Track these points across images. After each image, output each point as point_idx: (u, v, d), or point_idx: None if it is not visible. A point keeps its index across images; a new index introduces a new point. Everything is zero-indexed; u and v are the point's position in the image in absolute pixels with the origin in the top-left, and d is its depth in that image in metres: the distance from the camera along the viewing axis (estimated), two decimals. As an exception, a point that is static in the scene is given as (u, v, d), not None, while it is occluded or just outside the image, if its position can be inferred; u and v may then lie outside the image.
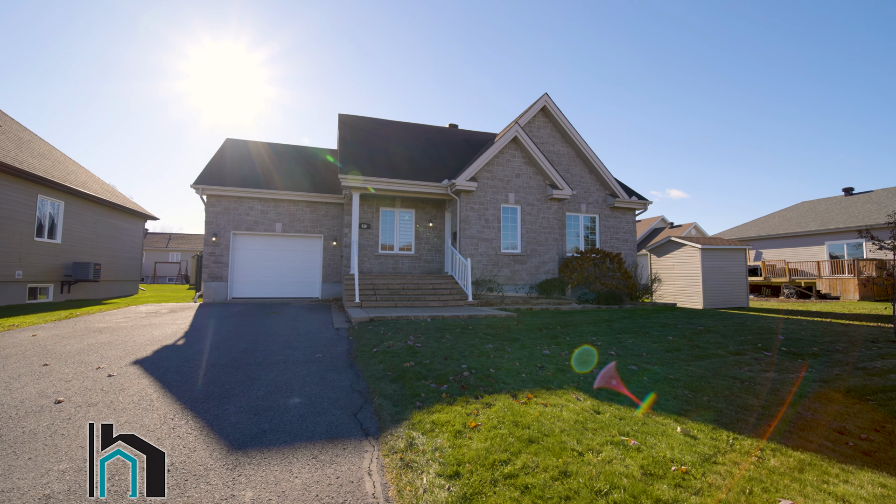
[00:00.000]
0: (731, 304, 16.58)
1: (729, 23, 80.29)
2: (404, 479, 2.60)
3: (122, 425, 3.29)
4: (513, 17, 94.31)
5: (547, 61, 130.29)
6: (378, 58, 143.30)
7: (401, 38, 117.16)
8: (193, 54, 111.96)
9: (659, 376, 4.73)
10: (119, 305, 11.87)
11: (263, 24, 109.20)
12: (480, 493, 2.36)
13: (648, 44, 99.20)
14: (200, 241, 40.81)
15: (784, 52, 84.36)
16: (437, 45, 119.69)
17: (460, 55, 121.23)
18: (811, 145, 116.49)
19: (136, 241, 20.14)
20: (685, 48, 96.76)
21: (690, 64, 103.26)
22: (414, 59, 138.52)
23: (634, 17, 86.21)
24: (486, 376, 4.59)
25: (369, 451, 2.99)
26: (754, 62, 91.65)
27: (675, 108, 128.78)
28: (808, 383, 4.52)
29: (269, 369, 4.96)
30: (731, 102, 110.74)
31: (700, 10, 76.85)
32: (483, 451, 2.82)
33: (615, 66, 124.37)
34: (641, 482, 2.42)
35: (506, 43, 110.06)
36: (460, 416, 3.45)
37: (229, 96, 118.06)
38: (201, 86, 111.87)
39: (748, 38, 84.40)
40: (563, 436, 3.04)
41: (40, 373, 4.62)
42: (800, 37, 79.71)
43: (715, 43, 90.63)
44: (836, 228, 23.36)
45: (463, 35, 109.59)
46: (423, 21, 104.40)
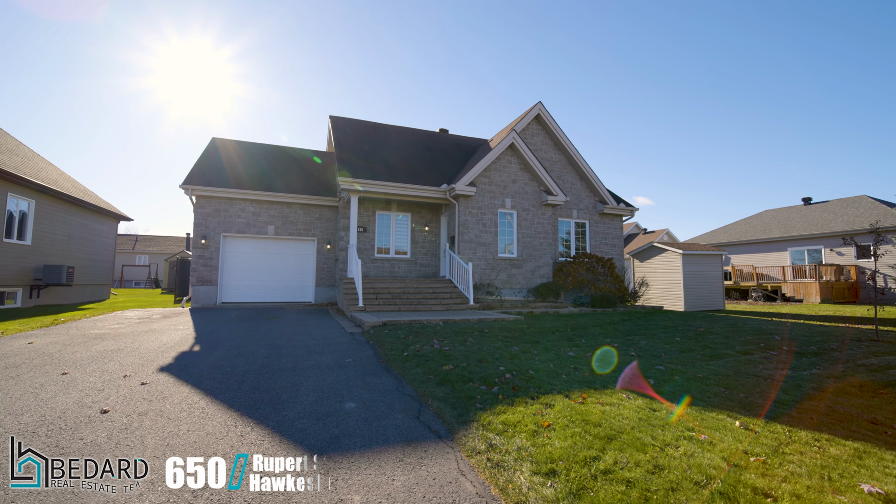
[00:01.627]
0: (710, 307, 17.44)
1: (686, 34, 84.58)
2: (500, 478, 2.66)
3: (184, 434, 3.18)
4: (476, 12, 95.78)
5: (521, 67, 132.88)
6: (349, 56, 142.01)
7: (373, 35, 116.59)
8: (159, 50, 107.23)
9: (688, 375, 4.97)
10: (100, 311, 11.23)
11: (230, 21, 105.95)
12: (586, 489, 2.45)
13: (612, 63, 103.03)
14: (170, 244, 39.04)
15: (741, 70, 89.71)
16: (410, 41, 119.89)
17: (429, 50, 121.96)
18: (768, 156, 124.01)
19: (109, 243, 19.12)
20: (648, 65, 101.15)
21: (656, 74, 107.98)
22: (388, 56, 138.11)
23: (599, 23, 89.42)
24: (528, 378, 4.69)
25: (450, 453, 3.02)
26: (718, 73, 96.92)
27: (640, 119, 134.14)
28: (824, 379, 4.89)
29: (307, 375, 4.87)
30: (693, 113, 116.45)
31: (663, 21, 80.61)
32: (568, 448, 2.92)
33: (586, 80, 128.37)
34: (731, 473, 2.58)
35: (481, 43, 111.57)
36: (527, 416, 3.53)
37: (196, 92, 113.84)
38: (167, 82, 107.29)
39: (709, 58, 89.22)
40: (636, 432, 3.18)
41: (64, 382, 4.37)
42: (750, 53, 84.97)
43: (676, 60, 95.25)
44: (797, 236, 24.99)
45: (437, 32, 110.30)
46: (394, 17, 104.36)
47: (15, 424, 3.27)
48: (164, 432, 3.19)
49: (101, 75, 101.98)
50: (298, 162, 16.31)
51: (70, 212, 15.38)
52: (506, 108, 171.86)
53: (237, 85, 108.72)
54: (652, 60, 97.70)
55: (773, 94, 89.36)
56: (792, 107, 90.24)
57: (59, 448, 2.88)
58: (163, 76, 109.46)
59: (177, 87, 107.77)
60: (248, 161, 15.26)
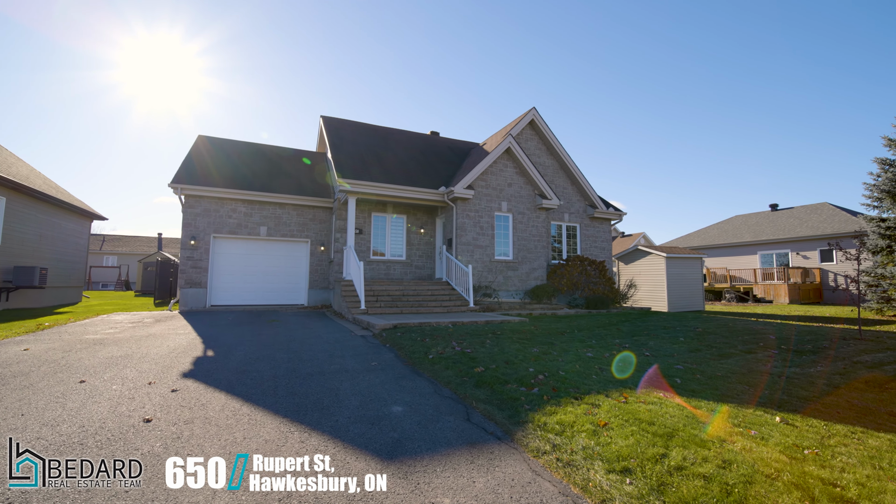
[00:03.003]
0: (691, 308, 18.14)
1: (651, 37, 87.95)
2: (576, 476, 2.72)
3: (241, 441, 3.10)
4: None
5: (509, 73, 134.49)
6: (324, 51, 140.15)
7: (346, 30, 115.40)
8: (125, 44, 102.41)
9: (708, 374, 5.20)
10: (83, 314, 10.65)
11: (199, 14, 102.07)
12: (666, 485, 2.54)
13: (584, 65, 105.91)
14: (141, 244, 37.36)
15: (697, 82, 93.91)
16: (388, 39, 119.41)
17: (409, 46, 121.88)
18: (732, 164, 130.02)
19: (82, 243, 18.17)
20: (619, 68, 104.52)
21: (626, 82, 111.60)
22: (366, 51, 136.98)
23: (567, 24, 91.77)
24: (561, 379, 4.79)
25: (515, 454, 3.06)
26: (689, 75, 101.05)
27: (612, 121, 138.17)
28: (830, 376, 5.21)
29: (338, 379, 4.81)
30: (666, 117, 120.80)
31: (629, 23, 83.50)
32: (633, 447, 3.01)
33: (558, 82, 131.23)
34: (794, 465, 2.74)
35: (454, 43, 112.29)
36: (579, 416, 3.61)
37: (165, 87, 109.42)
38: (134, 77, 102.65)
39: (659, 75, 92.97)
40: (690, 430, 3.32)
41: (86, 390, 4.15)
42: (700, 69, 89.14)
43: (645, 62, 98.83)
44: (766, 240, 26.35)
45: (419, 31, 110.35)
46: (369, 12, 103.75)
47: (56, 436, 3.09)
48: (220, 440, 3.09)
49: (63, 69, 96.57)
50: (288, 162, 15.98)
51: (42, 210, 14.54)
52: (481, 111, 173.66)
53: (207, 80, 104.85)
54: (621, 62, 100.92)
55: (742, 96, 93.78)
56: (762, 109, 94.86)
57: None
58: (129, 70, 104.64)
59: (144, 81, 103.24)
60: (237, 160, 14.83)
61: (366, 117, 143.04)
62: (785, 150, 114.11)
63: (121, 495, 2.39)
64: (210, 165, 13.81)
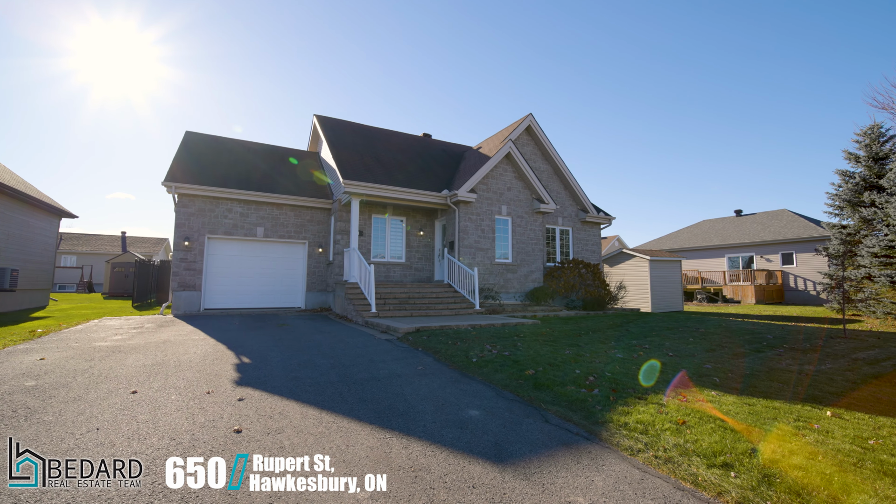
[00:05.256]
0: (672, 308, 19.09)
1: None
2: (680, 472, 2.91)
3: (346, 449, 3.10)
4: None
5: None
6: (286, 40, 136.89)
7: (310, 16, 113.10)
8: (78, 31, 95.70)
9: (737, 373, 5.58)
10: (66, 320, 10.00)
11: (154, 2, 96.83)
12: (770, 476, 2.77)
13: (552, 65, 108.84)
14: (103, 244, 35.16)
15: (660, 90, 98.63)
16: (353, 30, 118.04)
17: (378, 37, 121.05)
18: (696, 167, 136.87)
19: (50, 243, 17.07)
20: (584, 68, 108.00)
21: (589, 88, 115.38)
22: (325, 39, 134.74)
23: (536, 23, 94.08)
24: (610, 380, 5.00)
25: (611, 453, 3.22)
26: (657, 76, 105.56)
27: (584, 125, 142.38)
28: (843, 372, 5.71)
29: (396, 384, 4.82)
30: (637, 119, 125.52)
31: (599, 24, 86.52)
32: (720, 442, 3.24)
33: (526, 81, 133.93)
34: (868, 454, 3.05)
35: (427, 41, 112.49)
36: (654, 415, 3.82)
37: (120, 75, 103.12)
38: (89, 64, 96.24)
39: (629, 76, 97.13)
40: (763, 425, 3.60)
41: (147, 401, 3.98)
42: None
43: (613, 62, 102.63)
44: (732, 244, 28.04)
45: (390, 28, 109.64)
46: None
47: (146, 448, 2.98)
48: (327, 449, 3.08)
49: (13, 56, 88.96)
50: (283, 161, 15.59)
51: (9, 207, 13.52)
52: (455, 112, 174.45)
53: (163, 68, 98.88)
54: (584, 58, 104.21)
55: (708, 98, 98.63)
56: (728, 111, 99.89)
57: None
58: (83, 59, 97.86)
59: (100, 68, 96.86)
60: (229, 158, 14.33)
61: (340, 112, 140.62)
62: (740, 154, 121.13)
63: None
64: (202, 163, 13.29)
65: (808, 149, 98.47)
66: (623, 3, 67.25)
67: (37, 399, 3.98)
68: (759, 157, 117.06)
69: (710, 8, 63.68)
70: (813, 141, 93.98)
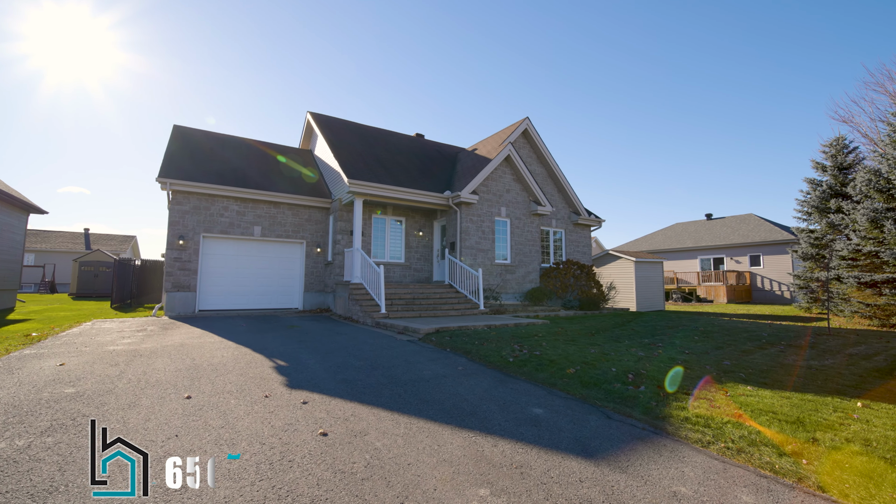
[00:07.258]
0: (654, 307, 19.90)
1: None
2: (754, 461, 3.13)
3: (440, 447, 3.15)
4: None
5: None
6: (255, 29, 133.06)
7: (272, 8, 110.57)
8: (31, 15, 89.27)
9: (755, 369, 5.95)
10: (49, 322, 9.42)
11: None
12: (837, 462, 3.04)
13: (524, 63, 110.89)
14: (64, 241, 33.06)
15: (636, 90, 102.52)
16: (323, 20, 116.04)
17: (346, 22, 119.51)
18: (671, 171, 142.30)
19: (18, 241, 15.89)
20: (560, 68, 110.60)
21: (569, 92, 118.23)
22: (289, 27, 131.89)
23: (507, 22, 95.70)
24: (648, 377, 5.25)
25: (684, 446, 3.41)
26: (630, 76, 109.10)
27: (562, 125, 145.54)
28: (847, 366, 6.21)
29: (448, 384, 4.88)
30: (614, 119, 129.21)
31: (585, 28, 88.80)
32: (780, 433, 3.50)
33: (499, 80, 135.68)
34: (913, 440, 3.38)
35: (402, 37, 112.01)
36: (709, 410, 4.07)
37: (75, 61, 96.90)
38: (42, 49, 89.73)
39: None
40: (811, 416, 3.90)
41: (209, 406, 3.87)
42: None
43: (584, 61, 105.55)
44: (704, 246, 29.50)
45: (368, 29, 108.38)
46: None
47: (250, 455, 2.93)
48: (420, 450, 3.12)
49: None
50: (275, 158, 15.21)
51: (-22, 202, 12.58)
52: (424, 108, 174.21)
53: (120, 53, 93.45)
54: (562, 62, 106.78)
55: (678, 97, 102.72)
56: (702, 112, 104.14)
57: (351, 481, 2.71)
58: (36, 44, 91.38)
59: (54, 54, 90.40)
60: (222, 154, 13.86)
61: (323, 108, 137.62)
62: (709, 156, 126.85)
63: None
64: (195, 159, 12.81)
65: (775, 153, 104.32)
66: (591, 1, 69.11)
67: (89, 406, 3.80)
68: (726, 159, 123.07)
69: (682, 8, 66.19)
70: (779, 145, 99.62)
